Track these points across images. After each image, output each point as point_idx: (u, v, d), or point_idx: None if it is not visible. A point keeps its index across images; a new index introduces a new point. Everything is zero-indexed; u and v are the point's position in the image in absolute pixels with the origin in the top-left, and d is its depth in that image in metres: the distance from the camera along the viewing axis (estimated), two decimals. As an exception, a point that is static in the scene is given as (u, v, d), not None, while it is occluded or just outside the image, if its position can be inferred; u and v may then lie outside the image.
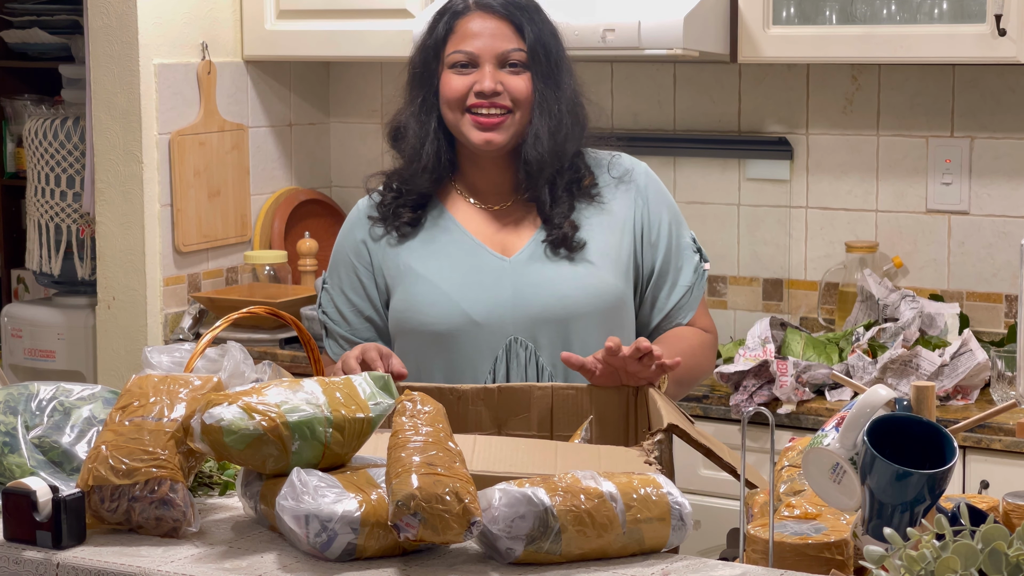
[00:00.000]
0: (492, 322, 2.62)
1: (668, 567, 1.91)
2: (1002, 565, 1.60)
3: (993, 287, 3.84)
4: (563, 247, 2.65)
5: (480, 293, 2.64)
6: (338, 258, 2.76)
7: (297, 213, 4.54)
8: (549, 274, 2.65)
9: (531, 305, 2.63)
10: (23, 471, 2.17)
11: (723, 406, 3.54)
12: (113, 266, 4.20)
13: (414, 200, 2.70)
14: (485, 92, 2.62)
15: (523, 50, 2.64)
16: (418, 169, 2.68)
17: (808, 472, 1.92)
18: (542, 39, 2.66)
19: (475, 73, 2.64)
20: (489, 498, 1.91)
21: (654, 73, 4.20)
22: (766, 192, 4.07)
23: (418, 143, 2.67)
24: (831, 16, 3.73)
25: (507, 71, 2.64)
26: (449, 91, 2.64)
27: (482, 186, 2.72)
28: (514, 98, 2.63)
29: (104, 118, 4.16)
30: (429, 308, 2.64)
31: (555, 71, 2.67)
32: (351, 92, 4.67)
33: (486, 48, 2.64)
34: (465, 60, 2.64)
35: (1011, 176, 3.80)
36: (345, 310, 2.73)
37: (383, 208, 2.72)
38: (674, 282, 2.72)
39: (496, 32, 2.65)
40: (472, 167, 2.71)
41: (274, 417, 1.96)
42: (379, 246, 2.71)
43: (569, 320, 2.63)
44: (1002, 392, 3.40)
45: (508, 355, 2.63)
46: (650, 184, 2.74)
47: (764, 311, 4.07)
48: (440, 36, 2.67)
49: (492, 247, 2.68)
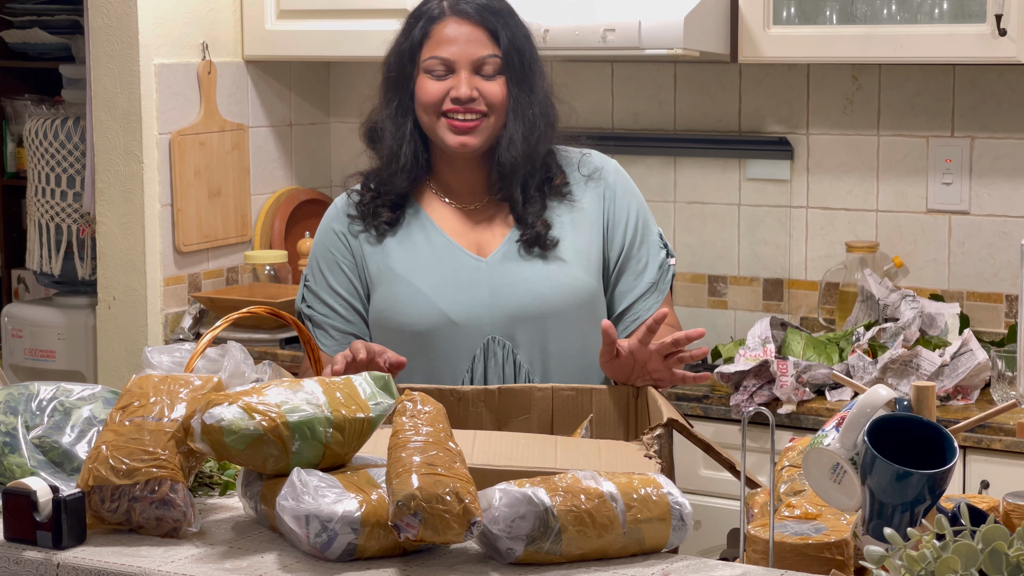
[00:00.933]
0: (470, 322, 2.66)
1: (668, 567, 1.91)
2: (1002, 565, 1.60)
3: (993, 287, 3.83)
4: (536, 246, 2.70)
5: (457, 293, 2.67)
6: (319, 255, 2.79)
7: (297, 213, 4.54)
8: (525, 273, 2.68)
9: (508, 304, 2.67)
10: (23, 471, 2.17)
11: (723, 406, 3.54)
12: (113, 266, 4.20)
13: (392, 200, 2.74)
14: (461, 99, 2.66)
15: (498, 56, 2.69)
16: (396, 170, 2.73)
17: (808, 472, 1.92)
18: (516, 43, 2.71)
19: (451, 79, 2.68)
20: (489, 498, 1.91)
21: (654, 73, 4.20)
22: (766, 192, 4.07)
23: (395, 145, 2.72)
24: (831, 16, 3.73)
25: (482, 77, 2.68)
26: (425, 96, 2.69)
27: (456, 186, 2.76)
28: (489, 103, 2.68)
29: (104, 118, 4.16)
30: (408, 308, 2.68)
31: (528, 74, 2.71)
32: (351, 92, 4.67)
33: (462, 54, 2.67)
34: (441, 67, 2.68)
35: (1011, 176, 3.79)
36: (334, 303, 2.75)
37: (362, 207, 2.76)
38: (638, 275, 2.75)
39: (471, 38, 2.68)
40: (446, 168, 2.76)
41: (274, 417, 1.96)
42: (359, 243, 2.75)
43: (545, 318, 2.67)
44: (1002, 392, 3.40)
45: (486, 354, 2.66)
46: (619, 180, 2.79)
47: (764, 311, 4.06)
48: (416, 40, 2.71)
49: (467, 247, 2.72)
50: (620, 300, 2.76)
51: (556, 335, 2.67)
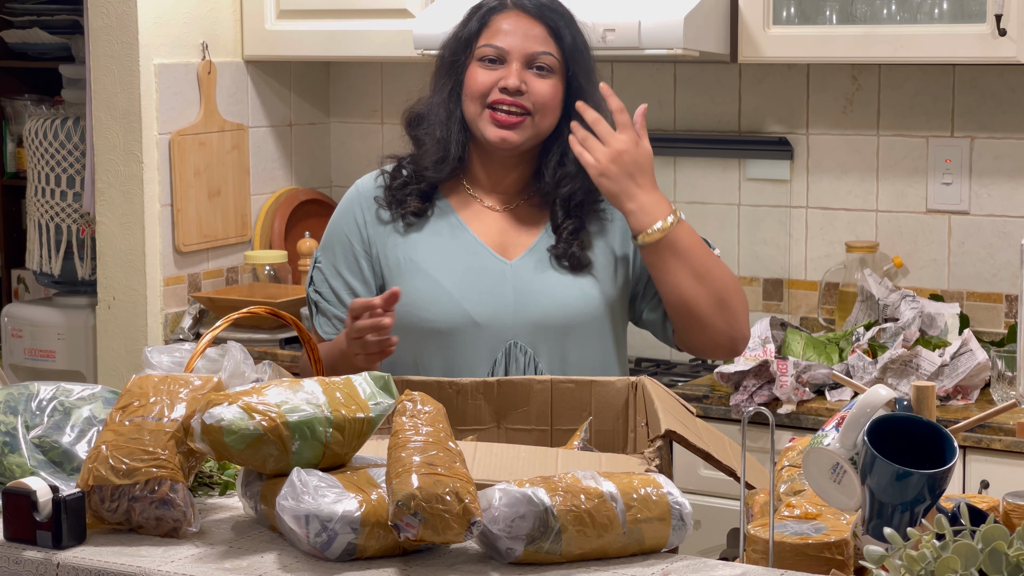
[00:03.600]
0: (493, 324, 2.62)
1: (668, 567, 1.91)
2: (1002, 565, 1.60)
3: (993, 287, 3.84)
4: (567, 260, 2.65)
5: (481, 294, 2.63)
6: (334, 236, 2.73)
7: (297, 213, 4.54)
8: (551, 282, 2.65)
9: (532, 311, 2.63)
10: (23, 471, 2.17)
11: (723, 406, 3.54)
12: (113, 266, 4.20)
13: (422, 189, 2.69)
14: (509, 89, 2.61)
15: (552, 54, 2.64)
16: (438, 157, 2.67)
17: (808, 472, 1.92)
18: (577, 48, 2.66)
19: (502, 69, 2.63)
20: (489, 498, 1.91)
21: (654, 73, 4.20)
22: (766, 192, 4.07)
23: (444, 132, 2.67)
24: (831, 16, 3.73)
25: (533, 72, 2.63)
26: (474, 84, 2.64)
27: (489, 184, 2.71)
28: (535, 100, 2.62)
29: (104, 118, 4.16)
30: (431, 305, 2.63)
31: (590, 86, 2.66)
32: (351, 92, 4.67)
33: (516, 46, 2.63)
34: (494, 55, 2.63)
35: (1011, 176, 3.80)
36: (340, 290, 2.70)
37: (390, 192, 2.70)
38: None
39: (529, 32, 2.64)
40: (482, 165, 2.70)
41: (274, 417, 1.96)
42: (380, 232, 2.69)
43: (569, 328, 2.64)
44: (1002, 392, 3.40)
45: (508, 358, 2.63)
46: None
47: (764, 311, 4.07)
48: (473, 30, 2.67)
49: (493, 248, 2.67)
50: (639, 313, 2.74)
51: (577, 346, 2.64)
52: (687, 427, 2.32)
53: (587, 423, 2.45)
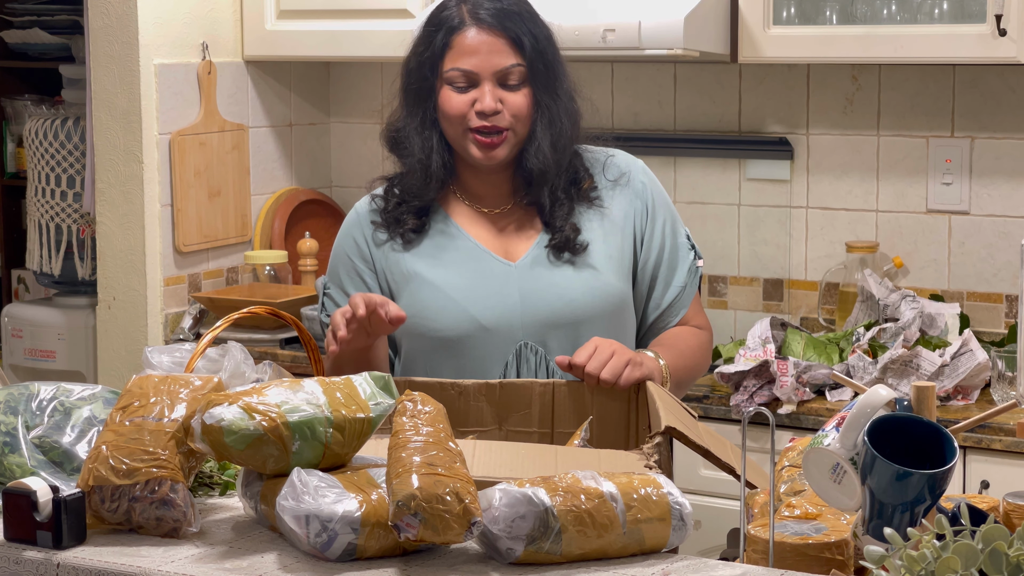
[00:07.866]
0: (502, 327, 2.62)
1: (668, 567, 1.91)
2: (1002, 565, 1.61)
3: (993, 287, 3.84)
4: (566, 250, 2.65)
5: (488, 299, 2.63)
6: (338, 260, 2.74)
7: (297, 213, 4.54)
8: (555, 279, 2.65)
9: (539, 310, 2.63)
10: (23, 471, 2.17)
11: (723, 406, 3.54)
12: (113, 266, 4.20)
13: (416, 207, 2.69)
14: (486, 112, 2.60)
15: (521, 64, 2.63)
16: (424, 180, 2.67)
17: (808, 472, 1.92)
18: (539, 48, 2.65)
19: (474, 91, 2.62)
20: (489, 498, 1.91)
21: (654, 73, 4.20)
22: (766, 192, 4.07)
23: (424, 156, 2.66)
24: (831, 16, 3.73)
25: (506, 88, 2.63)
26: (449, 109, 2.63)
27: (481, 191, 2.72)
28: (514, 114, 2.62)
29: (104, 118, 4.16)
30: (438, 314, 2.63)
31: (553, 79, 2.66)
32: (351, 92, 4.67)
33: (484, 65, 2.61)
34: (464, 81, 2.62)
35: (1011, 176, 3.80)
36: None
37: (386, 214, 2.71)
38: (668, 281, 2.72)
39: (493, 48, 2.62)
40: (471, 174, 2.71)
41: (274, 417, 1.97)
42: (382, 251, 2.69)
43: (578, 324, 2.63)
44: (1002, 392, 3.40)
45: (519, 360, 2.63)
46: (647, 184, 2.74)
47: (764, 311, 4.07)
48: (437, 50, 2.64)
49: (496, 252, 2.67)
50: (653, 309, 2.73)
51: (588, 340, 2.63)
52: (687, 427, 2.32)
53: (587, 422, 2.45)
